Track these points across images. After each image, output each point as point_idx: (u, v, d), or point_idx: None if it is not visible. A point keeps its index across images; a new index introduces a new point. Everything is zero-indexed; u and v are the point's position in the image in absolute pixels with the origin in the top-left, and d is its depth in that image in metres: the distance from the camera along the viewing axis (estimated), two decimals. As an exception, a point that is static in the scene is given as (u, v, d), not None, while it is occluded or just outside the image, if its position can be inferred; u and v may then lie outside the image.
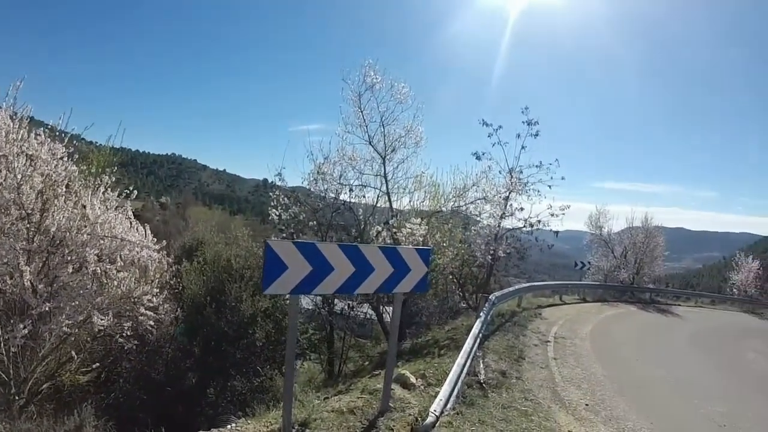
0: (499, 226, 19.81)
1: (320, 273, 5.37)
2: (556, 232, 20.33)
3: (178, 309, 13.03)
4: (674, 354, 14.88)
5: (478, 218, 20.06)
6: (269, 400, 11.08)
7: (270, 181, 17.73)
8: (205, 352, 13.00)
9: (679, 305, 31.06)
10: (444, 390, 6.73)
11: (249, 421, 6.41)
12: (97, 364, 10.58)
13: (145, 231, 10.53)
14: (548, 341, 13.59)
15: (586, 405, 8.52)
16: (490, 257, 19.25)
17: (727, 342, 19.11)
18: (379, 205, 17.52)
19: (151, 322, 10.00)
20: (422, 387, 7.97)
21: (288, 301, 5.67)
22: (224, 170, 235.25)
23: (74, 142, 8.99)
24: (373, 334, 22.35)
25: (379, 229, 15.73)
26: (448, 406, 6.77)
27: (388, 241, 15.05)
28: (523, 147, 20.15)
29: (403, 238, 14.59)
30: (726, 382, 12.32)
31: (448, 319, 17.95)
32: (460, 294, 21.25)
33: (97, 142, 12.13)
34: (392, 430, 5.98)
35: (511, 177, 19.57)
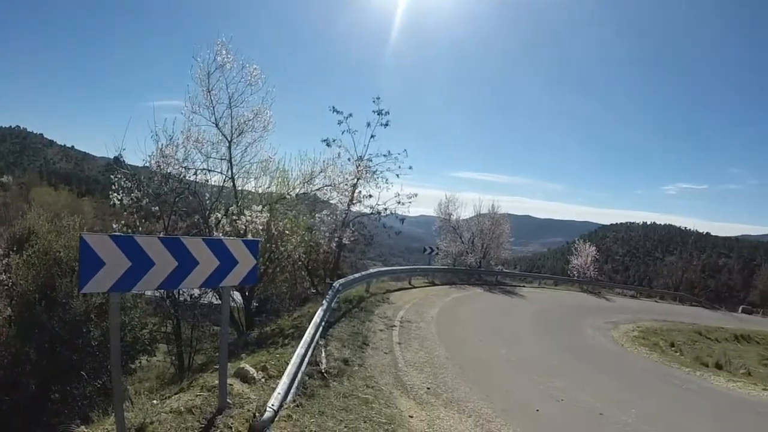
0: (346, 213, 20.15)
1: (140, 268, 5.13)
2: (402, 219, 21.20)
3: (9, 308, 11.98)
4: (517, 333, 15.94)
5: (330, 203, 20.31)
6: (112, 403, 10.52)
7: (121, 160, 16.55)
8: (40, 355, 12.06)
9: (524, 286, 33.48)
10: (283, 382, 6.69)
11: (86, 429, 6.06)
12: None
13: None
14: (394, 326, 14.01)
15: (428, 388, 8.88)
16: (335, 244, 19.55)
17: (567, 320, 20.79)
18: (226, 190, 17.03)
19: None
20: (263, 380, 7.86)
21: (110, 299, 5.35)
22: (73, 147, 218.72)
23: None
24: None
25: (219, 216, 15.24)
26: (288, 398, 6.74)
27: (228, 229, 14.73)
28: (372, 136, 20.86)
29: (243, 226, 14.34)
30: (565, 357, 13.44)
31: (297, 306, 17.93)
32: (309, 280, 21.38)
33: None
34: (230, 428, 5.86)
35: (358, 165, 19.96)
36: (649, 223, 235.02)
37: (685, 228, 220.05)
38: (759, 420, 9.96)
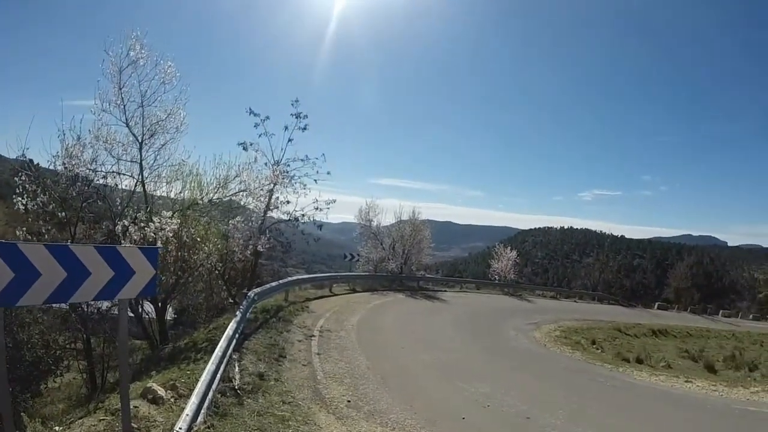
0: (263, 219, 19.81)
1: (24, 280, 4.68)
2: (320, 226, 21.17)
3: None
4: (440, 339, 15.95)
5: (247, 209, 19.92)
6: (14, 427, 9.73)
7: (35, 162, 15.42)
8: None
9: (447, 291, 33.81)
10: (192, 402, 6.30)
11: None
12: None
13: None
14: (313, 336, 13.71)
15: (348, 401, 8.66)
16: (250, 252, 19.14)
17: (490, 323, 21.05)
18: (137, 195, 16.22)
19: None
20: (172, 400, 7.42)
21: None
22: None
23: None
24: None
25: (126, 224, 14.47)
26: (199, 420, 6.36)
27: (135, 238, 14.03)
28: (290, 140, 20.73)
29: (153, 234, 13.71)
30: (489, 361, 13.52)
31: (213, 318, 17.37)
32: (226, 290, 20.81)
33: None
34: (134, 456, 5.46)
35: (275, 170, 19.66)
36: (566, 227, 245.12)
37: (601, 231, 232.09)
38: (685, 414, 10.24)
